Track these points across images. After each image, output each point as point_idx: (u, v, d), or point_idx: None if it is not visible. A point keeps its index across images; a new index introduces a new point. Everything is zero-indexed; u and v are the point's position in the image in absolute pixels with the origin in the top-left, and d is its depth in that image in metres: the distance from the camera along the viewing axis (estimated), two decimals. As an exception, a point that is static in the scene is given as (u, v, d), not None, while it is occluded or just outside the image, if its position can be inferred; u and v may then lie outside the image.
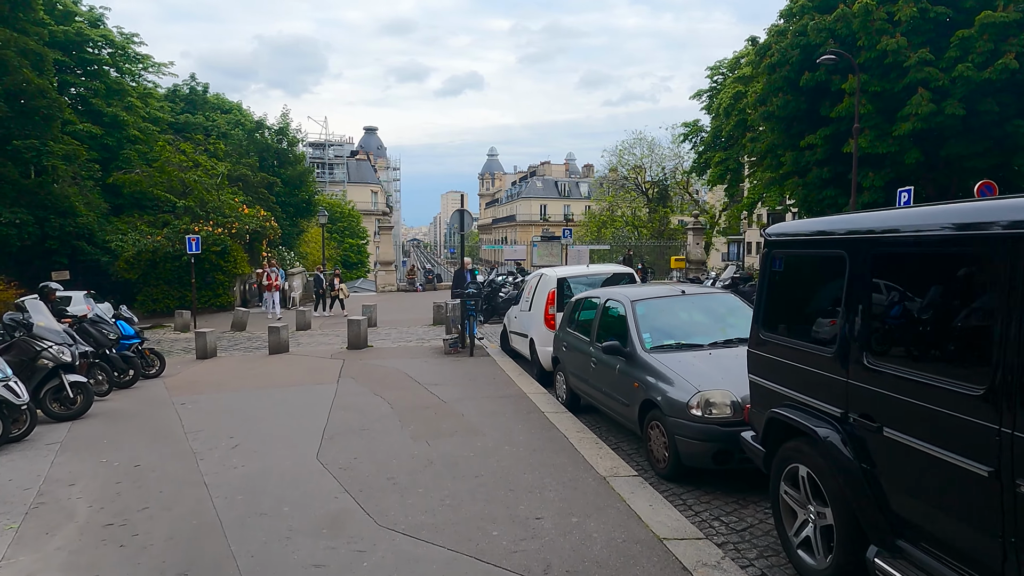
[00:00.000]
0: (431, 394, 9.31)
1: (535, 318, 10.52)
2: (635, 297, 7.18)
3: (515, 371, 10.92)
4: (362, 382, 10.56)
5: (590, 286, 10.33)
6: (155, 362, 13.22)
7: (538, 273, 11.43)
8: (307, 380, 11.11)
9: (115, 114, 27.69)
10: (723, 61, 40.30)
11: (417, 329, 18.34)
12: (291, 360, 13.86)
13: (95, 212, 24.99)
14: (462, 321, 13.53)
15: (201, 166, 27.36)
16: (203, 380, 11.92)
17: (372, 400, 9.10)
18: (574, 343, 8.25)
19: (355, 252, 53.40)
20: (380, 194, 72.65)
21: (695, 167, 40.48)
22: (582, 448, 6.55)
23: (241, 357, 15.32)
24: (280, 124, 34.54)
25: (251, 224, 25.74)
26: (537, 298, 10.63)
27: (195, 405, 9.50)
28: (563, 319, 8.94)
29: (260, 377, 11.79)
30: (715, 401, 5.61)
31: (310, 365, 12.90)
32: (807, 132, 23.67)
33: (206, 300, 24.78)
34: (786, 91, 23.70)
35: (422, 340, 16.13)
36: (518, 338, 11.78)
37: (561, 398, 8.79)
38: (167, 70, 32.42)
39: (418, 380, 10.44)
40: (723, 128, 36.87)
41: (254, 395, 10.05)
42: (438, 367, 11.70)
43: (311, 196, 34.65)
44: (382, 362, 12.56)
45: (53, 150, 22.51)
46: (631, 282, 10.34)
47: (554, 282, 10.13)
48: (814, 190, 24.28)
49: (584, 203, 72.91)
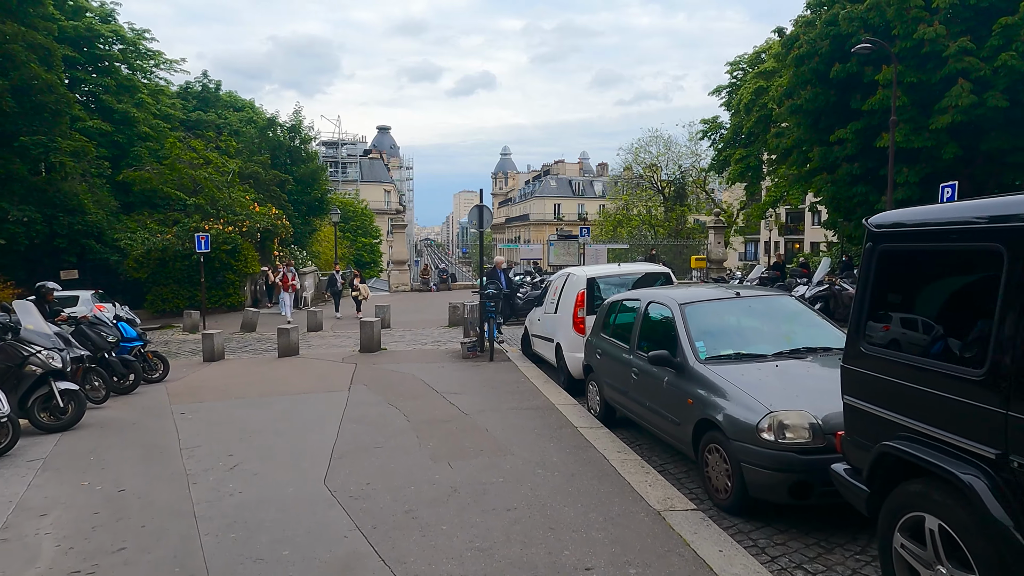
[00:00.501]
0: (450, 404, 8.47)
1: (562, 322, 9.66)
2: (684, 300, 6.30)
3: (540, 378, 10.07)
4: (375, 389, 9.75)
5: (621, 287, 9.47)
6: (158, 366, 12.50)
7: (564, 273, 10.57)
8: (317, 387, 10.32)
9: (125, 110, 27.11)
10: (743, 56, 39.27)
11: (432, 331, 17.53)
12: (301, 364, 13.09)
13: (104, 210, 24.41)
14: (480, 323, 12.69)
15: (212, 163, 26.72)
16: (207, 385, 11.17)
17: (386, 411, 8.28)
18: (610, 350, 7.38)
19: (368, 251, 52.73)
20: (393, 193, 72.03)
21: (714, 165, 39.44)
22: (626, 473, 5.69)
23: (249, 360, 14.58)
24: (292, 121, 33.89)
25: (262, 222, 25.05)
26: (564, 300, 9.77)
27: (195, 415, 8.73)
28: (596, 324, 8.08)
29: (267, 382, 11.02)
30: (790, 423, 4.73)
31: (320, 369, 12.12)
32: (836, 126, 22.62)
33: (216, 300, 24.13)
34: (815, 84, 22.66)
35: (438, 343, 15.32)
36: (542, 343, 10.93)
37: (594, 410, 7.93)
38: (179, 67, 31.89)
39: (435, 388, 9.61)
40: (744, 124, 35.83)
41: (259, 404, 9.27)
42: (456, 373, 10.87)
43: (323, 194, 33.95)
44: (396, 367, 11.75)
45: (61, 146, 21.93)
46: (666, 283, 9.45)
47: (583, 283, 9.27)
48: (843, 187, 23.21)
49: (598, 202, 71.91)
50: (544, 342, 10.79)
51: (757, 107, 34.84)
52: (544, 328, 10.83)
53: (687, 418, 5.58)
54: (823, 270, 17.30)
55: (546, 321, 10.70)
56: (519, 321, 18.28)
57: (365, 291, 22.60)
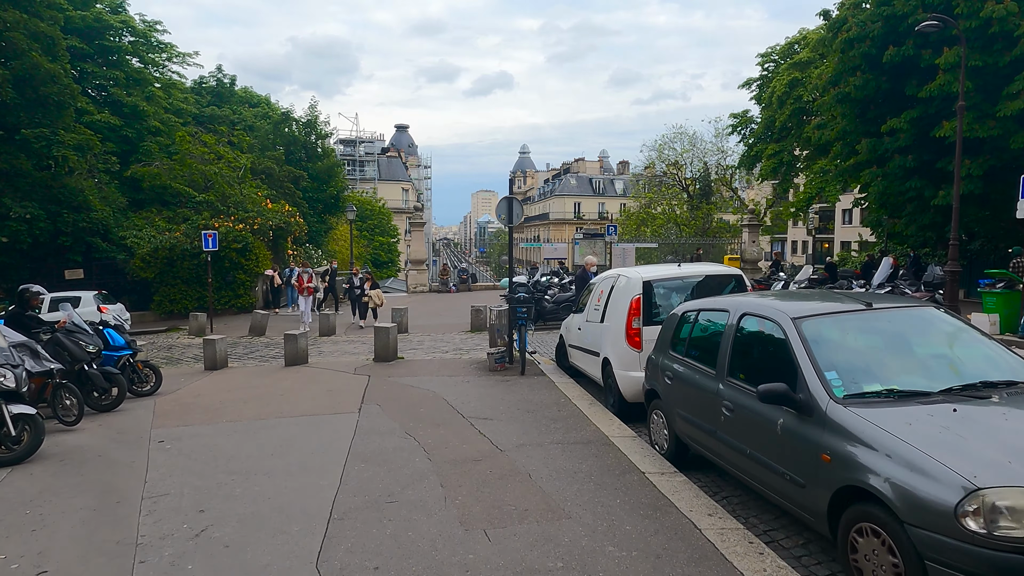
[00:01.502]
0: (480, 435, 6.89)
1: (611, 333, 8.04)
2: (798, 312, 4.65)
3: (583, 399, 8.46)
4: (390, 411, 8.20)
5: (682, 293, 7.83)
6: (150, 377, 11.07)
7: (611, 275, 8.95)
8: (322, 406, 8.79)
9: (135, 104, 25.87)
10: (775, 48, 37.32)
11: (453, 337, 15.98)
12: (308, 375, 11.59)
13: (112, 207, 23.16)
14: (509, 331, 11.11)
15: (224, 158, 25.43)
16: (200, 403, 9.70)
17: (402, 444, 6.72)
18: (684, 375, 5.76)
19: (386, 251, 51.40)
20: (411, 192, 70.67)
21: (744, 160, 37.48)
22: (731, 552, 4.07)
23: (253, 369, 13.13)
24: (308, 116, 32.54)
25: (275, 219, 23.68)
26: (614, 307, 8.15)
27: (176, 444, 7.23)
28: (662, 338, 6.46)
29: (267, 399, 9.52)
30: (1012, 506, 3.09)
31: (329, 383, 10.61)
32: (888, 115, 20.72)
33: (226, 301, 22.80)
34: (864, 69, 20.79)
35: (460, 351, 13.76)
36: (583, 355, 9.32)
37: (660, 446, 6.31)
38: (192, 60, 30.63)
39: (460, 410, 8.04)
40: (776, 118, 33.91)
41: (252, 430, 7.76)
42: (484, 390, 9.29)
43: (340, 191, 32.55)
44: (414, 381, 10.20)
45: (64, 140, 20.68)
46: (738, 288, 7.79)
47: (638, 287, 7.63)
48: (895, 181, 21.28)
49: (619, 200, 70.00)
50: (586, 355, 9.18)
51: (791, 99, 32.93)
52: (586, 339, 9.21)
53: (819, 480, 3.95)
54: (885, 271, 15.46)
55: (588, 331, 9.08)
56: (545, 326, 16.71)
57: (378, 296, 19.01)
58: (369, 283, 19.13)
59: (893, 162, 20.96)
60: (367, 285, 19.01)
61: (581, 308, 10.00)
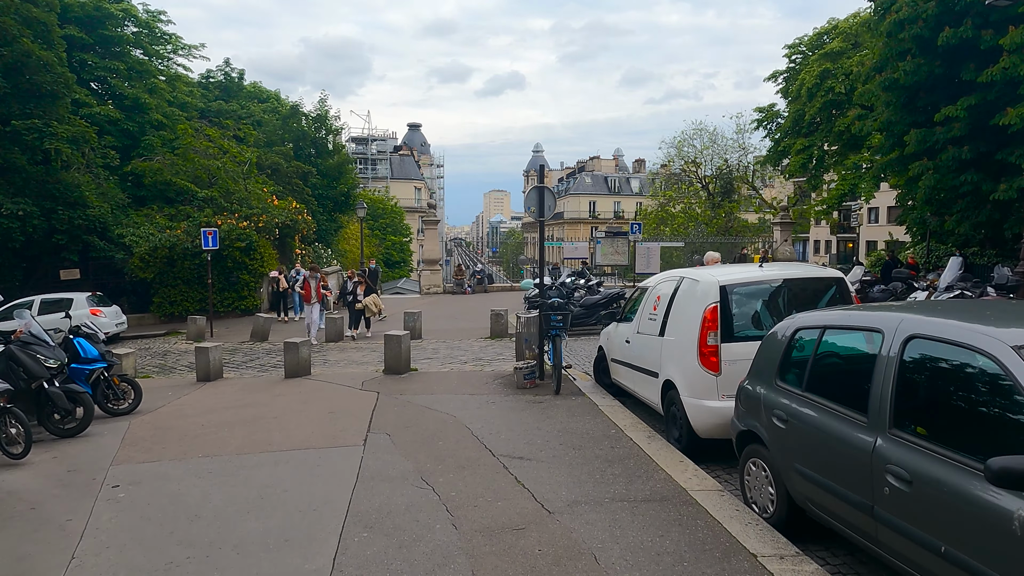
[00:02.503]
0: (518, 485, 5.29)
1: (676, 350, 6.41)
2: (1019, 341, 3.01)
3: (638, 429, 6.83)
4: (401, 444, 6.62)
5: (766, 300, 6.18)
6: (128, 393, 9.56)
7: (669, 277, 7.31)
8: (320, 436, 7.22)
9: (137, 96, 24.46)
10: (802, 39, 35.46)
11: (471, 344, 14.39)
12: (309, 390, 10.05)
13: (110, 203, 21.76)
14: (540, 342, 9.50)
15: (229, 153, 23.99)
16: (180, 426, 8.16)
17: (417, 498, 5.13)
18: (806, 417, 4.12)
19: (398, 250, 49.94)
20: (424, 191, 69.20)
21: (770, 156, 35.63)
22: None
23: (249, 381, 11.60)
24: (318, 111, 31.07)
25: (281, 217, 22.19)
26: (678, 318, 6.52)
27: (132, 492, 5.68)
28: (762, 363, 4.82)
29: (257, 424, 7.97)
30: None
31: (331, 401, 9.06)
32: (941, 103, 18.90)
33: (230, 303, 21.33)
34: (916, 53, 18.98)
35: (480, 361, 12.16)
36: (633, 375, 7.68)
37: (762, 508, 4.67)
38: (198, 53, 29.25)
39: (488, 444, 6.44)
40: (806, 111, 32.06)
41: (231, 470, 6.19)
42: (514, 415, 7.69)
43: (350, 189, 31.05)
44: (430, 400, 8.62)
45: (57, 131, 19.27)
46: (841, 295, 6.11)
47: (714, 293, 5.99)
48: (948, 174, 19.44)
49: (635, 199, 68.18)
50: (637, 374, 7.54)
51: (822, 92, 31.07)
52: (636, 355, 7.58)
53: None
54: (953, 272, 13.67)
55: (641, 345, 7.44)
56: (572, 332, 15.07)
57: (374, 303, 16.03)
58: (363, 287, 16.06)
59: (946, 154, 19.11)
60: (360, 290, 15.97)
61: (627, 316, 8.36)
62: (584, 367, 11.03)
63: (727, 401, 5.80)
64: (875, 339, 3.77)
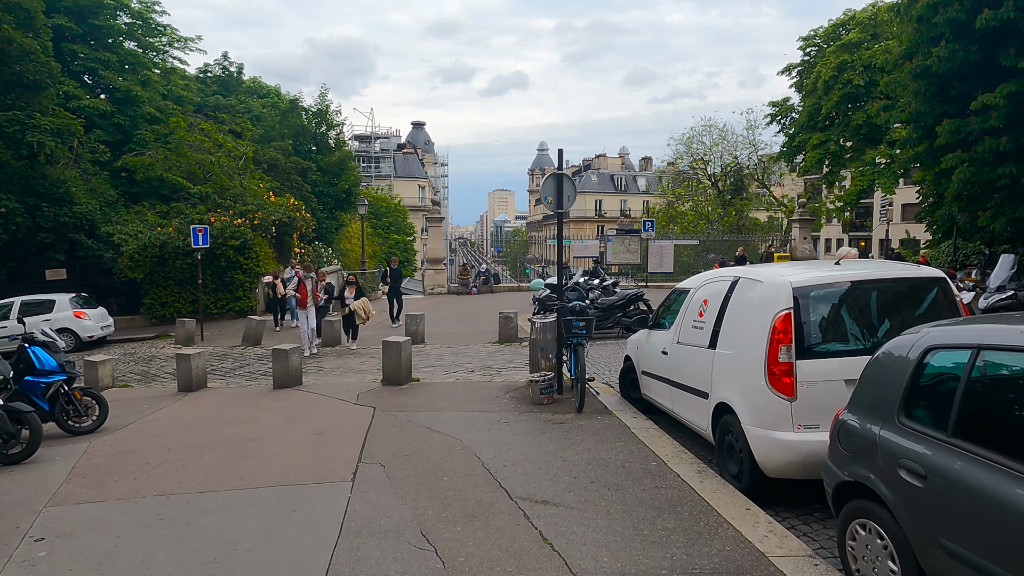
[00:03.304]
0: (545, 546, 4.08)
1: (737, 366, 5.19)
2: None
3: (683, 461, 5.62)
4: (398, 481, 5.43)
5: (851, 305, 4.95)
6: (91, 409, 8.39)
7: (719, 276, 6.08)
8: (302, 467, 6.02)
9: (129, 89, 23.30)
10: (817, 31, 34.18)
11: (478, 349, 13.18)
12: (297, 404, 8.87)
13: (99, 200, 20.62)
14: (559, 351, 8.28)
15: (224, 147, 22.85)
16: (142, 450, 6.98)
17: (415, 564, 3.93)
18: (966, 477, 2.90)
19: (401, 249, 48.72)
20: (427, 189, 67.98)
21: (784, 152, 34.34)
22: None
23: (234, 392, 10.43)
24: (318, 106, 29.91)
25: (278, 214, 21.01)
26: (736, 327, 5.31)
27: (55, 551, 4.48)
28: (875, 393, 3.60)
29: (231, 449, 6.78)
30: None
31: (320, 418, 7.87)
32: (977, 91, 17.63)
33: (224, 304, 20.16)
34: (950, 38, 17.72)
35: (488, 369, 10.95)
36: (673, 393, 6.46)
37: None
38: (194, 45, 28.06)
39: (504, 482, 5.24)
40: (823, 105, 30.79)
41: (185, 518, 4.99)
42: (532, 439, 6.48)
43: (352, 186, 29.86)
44: (433, 419, 7.42)
45: (40, 124, 18.12)
46: (943, 298, 4.87)
47: (785, 297, 4.77)
48: (984, 167, 18.15)
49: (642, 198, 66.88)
50: (677, 392, 6.32)
51: (839, 84, 29.82)
52: (676, 368, 6.36)
53: None
54: (1005, 271, 12.39)
55: (682, 358, 6.23)
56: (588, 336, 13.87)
57: (364, 308, 13.70)
58: (353, 290, 13.73)
59: (982, 145, 17.81)
60: (349, 292, 13.75)
61: (661, 323, 7.14)
62: (604, 377, 9.82)
63: (804, 433, 4.59)
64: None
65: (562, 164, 8.10)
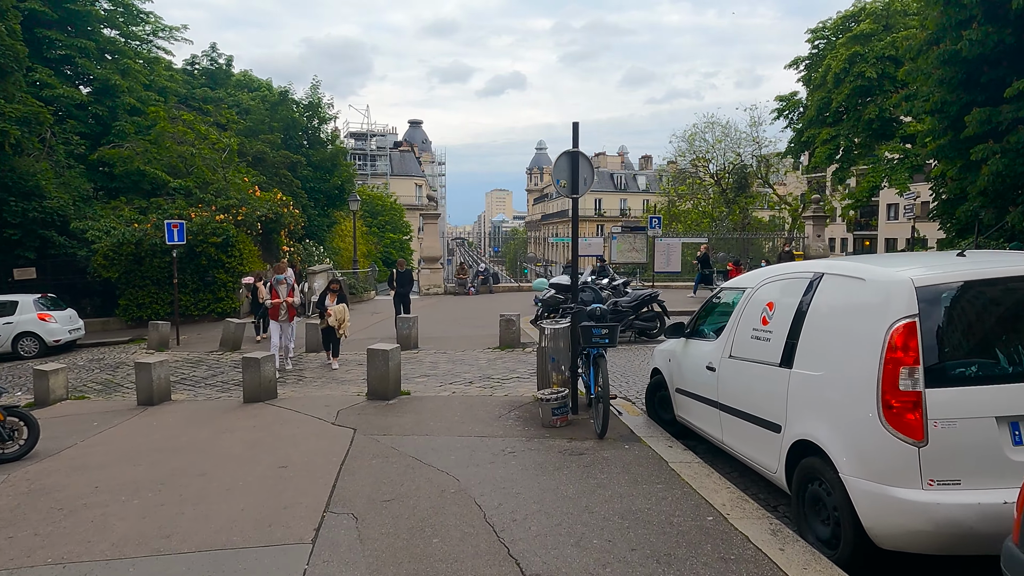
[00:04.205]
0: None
1: (830, 393, 3.84)
2: None
3: (751, 517, 4.25)
4: (372, 549, 4.05)
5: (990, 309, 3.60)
6: (19, 432, 7.02)
7: (799, 272, 4.68)
8: (250, 519, 4.64)
9: (107, 78, 21.87)
10: (826, 23, 32.85)
11: (477, 356, 11.81)
12: (264, 425, 7.49)
13: (72, 195, 19.21)
14: (574, 363, 6.92)
15: (208, 139, 21.46)
16: (62, 489, 5.61)
17: None
18: None
19: (397, 248, 47.30)
20: (424, 188, 66.51)
21: (791, 148, 33.04)
22: None
23: (198, 407, 9.05)
24: (310, 98, 28.48)
25: (263, 209, 19.62)
26: (826, 338, 3.95)
27: None
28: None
29: (169, 489, 5.41)
30: None
31: (288, 445, 6.50)
32: (1011, 77, 16.36)
33: (205, 306, 18.77)
34: (982, 20, 16.42)
35: (489, 380, 9.58)
36: (722, 418, 5.10)
37: None
38: (180, 35, 26.60)
39: (515, 551, 3.87)
40: (833, 98, 29.49)
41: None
42: (547, 481, 5.11)
43: (344, 182, 28.41)
44: (423, 446, 6.06)
45: (5, 111, 16.71)
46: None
47: (907, 301, 3.43)
48: (1017, 159, 16.88)
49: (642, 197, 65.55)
50: (731, 420, 4.96)
51: (851, 77, 28.51)
52: (728, 388, 5.01)
53: None
54: None
55: (739, 376, 4.87)
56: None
57: (339, 315, 11.00)
58: (334, 298, 11.01)
59: (1016, 135, 16.53)
60: (330, 299, 11.02)
61: (701, 330, 5.79)
62: (620, 390, 8.47)
63: (939, 492, 3.24)
64: None
65: (577, 140, 6.74)
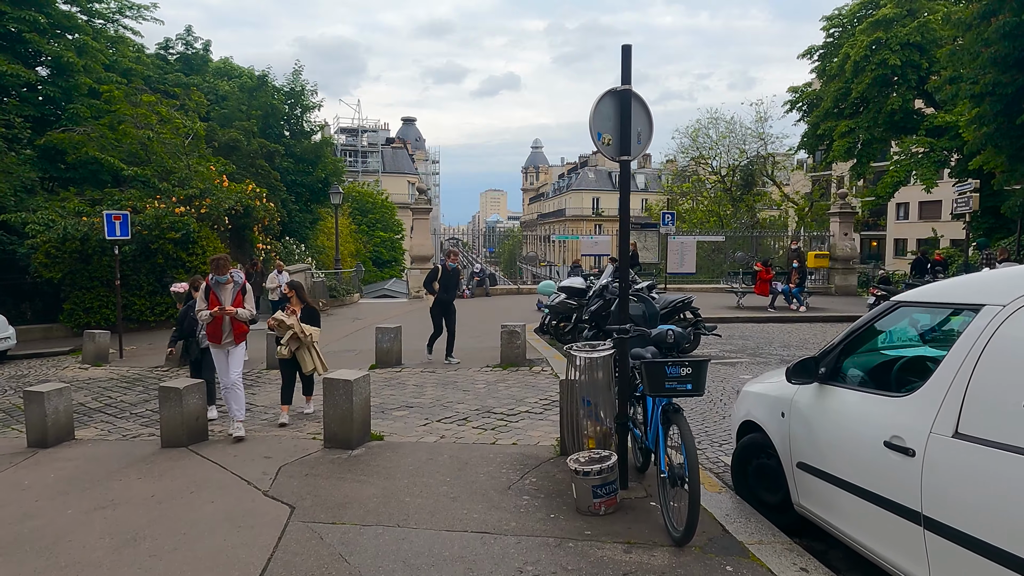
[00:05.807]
0: None
1: None
2: None
3: None
4: None
5: None
6: None
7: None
8: None
9: (59, 55, 19.35)
10: (842, 9, 30.63)
11: (475, 377, 9.41)
12: (172, 491, 5.08)
13: (11, 184, 16.70)
14: (623, 410, 4.52)
15: (171, 123, 18.98)
16: None
17: None
18: None
19: (388, 247, 44.83)
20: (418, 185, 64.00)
21: (805, 142, 30.85)
22: None
23: (101, 452, 6.61)
24: (291, 85, 26.03)
25: (230, 201, 17.16)
26: None
27: None
28: None
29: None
30: None
31: (185, 540, 4.09)
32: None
33: (162, 311, 16.30)
34: (1048, -11, 14.22)
35: (490, 416, 7.19)
36: (936, 544, 2.75)
37: None
38: (149, 14, 24.00)
39: None
40: (852, 89, 27.26)
41: None
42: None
43: (329, 175, 25.96)
44: (393, 555, 3.67)
45: (-76, 85, 14.20)
46: None
47: None
48: (1088, 145, 14.68)
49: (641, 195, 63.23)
50: (965, 558, 2.60)
51: (872, 65, 26.29)
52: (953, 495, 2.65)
53: None
54: None
55: (973, 470, 2.53)
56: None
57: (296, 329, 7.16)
58: (296, 305, 7.49)
59: (1087, 119, 14.35)
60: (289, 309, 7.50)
61: (854, 374, 3.44)
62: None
63: None
64: None
65: (629, 75, 4.36)
